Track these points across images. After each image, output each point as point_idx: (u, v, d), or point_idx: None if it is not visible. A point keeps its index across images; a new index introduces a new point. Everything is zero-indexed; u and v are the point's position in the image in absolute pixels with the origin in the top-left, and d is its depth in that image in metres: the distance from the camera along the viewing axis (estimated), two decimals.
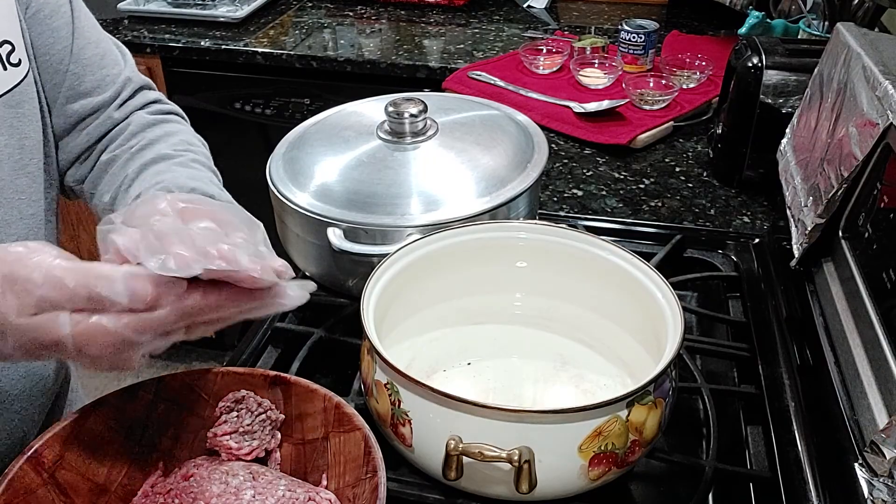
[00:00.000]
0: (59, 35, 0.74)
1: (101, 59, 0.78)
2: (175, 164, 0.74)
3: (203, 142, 0.83)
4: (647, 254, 0.82)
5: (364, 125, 0.88)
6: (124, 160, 0.76)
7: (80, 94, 0.76)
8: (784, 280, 0.89)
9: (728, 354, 0.83)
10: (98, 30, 0.79)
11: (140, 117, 0.79)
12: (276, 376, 0.65)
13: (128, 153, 0.76)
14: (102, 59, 0.78)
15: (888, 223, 0.71)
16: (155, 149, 0.76)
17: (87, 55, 0.76)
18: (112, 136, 0.78)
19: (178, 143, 0.77)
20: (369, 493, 0.57)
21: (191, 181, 0.70)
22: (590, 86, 1.48)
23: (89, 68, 0.76)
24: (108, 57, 0.79)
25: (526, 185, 0.83)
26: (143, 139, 0.77)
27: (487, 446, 0.58)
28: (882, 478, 0.57)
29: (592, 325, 0.79)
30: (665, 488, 0.71)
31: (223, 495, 0.59)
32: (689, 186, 1.19)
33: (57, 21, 0.74)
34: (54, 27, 0.74)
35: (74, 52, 0.75)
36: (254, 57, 1.79)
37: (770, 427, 0.71)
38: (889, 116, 0.67)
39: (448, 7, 2.00)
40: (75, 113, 0.77)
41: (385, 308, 0.72)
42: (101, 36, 0.79)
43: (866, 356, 0.70)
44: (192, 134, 0.82)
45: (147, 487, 0.62)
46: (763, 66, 1.08)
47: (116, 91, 0.79)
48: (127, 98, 0.80)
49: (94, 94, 0.77)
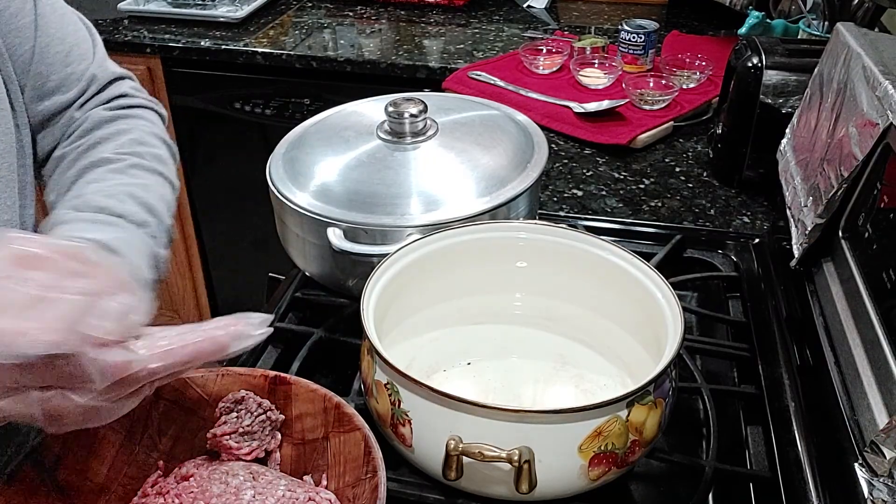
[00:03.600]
0: (24, 35, 0.72)
1: (65, 57, 0.75)
2: (110, 170, 0.72)
3: (166, 141, 0.80)
4: (647, 254, 0.82)
5: (364, 125, 0.88)
6: (70, 160, 0.74)
7: (45, 94, 0.75)
8: (784, 280, 0.89)
9: (728, 354, 0.83)
10: (66, 20, 0.77)
11: (96, 114, 0.77)
12: (276, 376, 0.65)
13: (74, 153, 0.75)
14: (67, 55, 0.76)
15: (888, 223, 0.71)
16: (98, 151, 0.74)
17: (52, 53, 0.74)
18: (69, 132, 0.77)
19: (125, 144, 0.75)
20: (369, 493, 0.57)
21: (105, 199, 0.68)
22: (590, 86, 1.48)
23: (53, 67, 0.74)
24: (73, 52, 0.76)
25: (526, 185, 0.83)
26: (93, 138, 0.75)
27: (487, 446, 0.58)
28: (882, 478, 0.57)
29: (592, 325, 0.79)
30: (665, 488, 0.71)
31: (223, 495, 0.59)
32: (689, 186, 1.19)
33: (22, 20, 0.72)
34: (19, 26, 0.72)
35: (38, 52, 0.73)
36: (254, 57, 1.79)
37: (770, 427, 0.71)
38: (889, 116, 0.67)
39: (448, 7, 2.00)
40: (39, 114, 0.75)
41: (385, 308, 0.72)
42: (68, 29, 0.77)
43: (866, 356, 0.69)
44: (152, 132, 0.79)
45: (147, 487, 0.62)
46: (763, 66, 1.08)
47: (80, 90, 0.77)
48: (92, 95, 0.78)
49: (57, 93, 0.75)
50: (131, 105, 0.81)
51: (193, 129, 1.96)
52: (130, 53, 1.84)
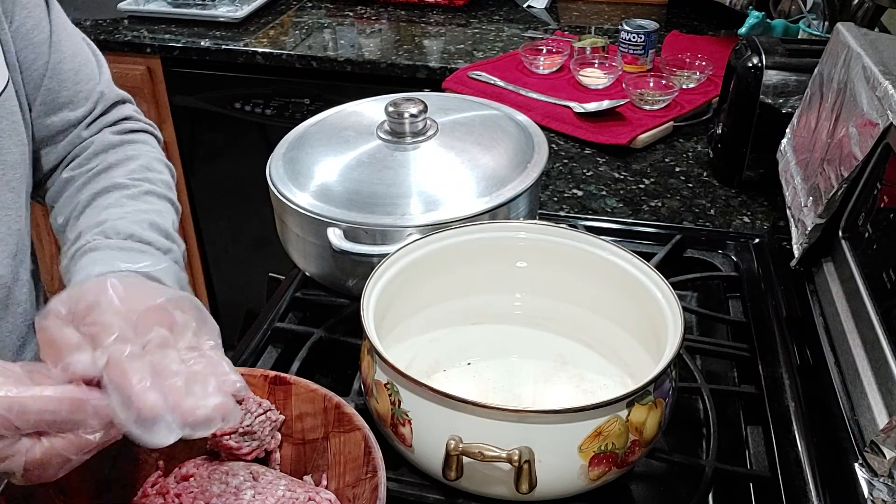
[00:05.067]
0: (39, 51, 0.73)
1: (75, 75, 0.77)
2: (126, 196, 0.73)
3: (168, 165, 0.82)
4: (647, 254, 0.82)
5: (364, 125, 0.88)
6: (80, 183, 0.75)
7: (54, 109, 0.76)
8: (784, 280, 0.89)
9: (728, 354, 0.83)
10: (75, 39, 0.78)
11: (104, 137, 0.79)
12: (276, 376, 0.65)
13: (84, 176, 0.75)
14: (77, 73, 0.77)
15: (888, 223, 0.71)
16: (110, 175, 0.75)
17: (64, 70, 0.75)
18: (75, 154, 0.78)
19: (136, 171, 0.76)
20: (369, 493, 0.57)
21: (131, 226, 0.69)
22: (590, 86, 1.48)
23: (64, 84, 0.76)
24: (83, 71, 0.78)
25: (526, 185, 0.83)
26: (103, 163, 0.76)
27: (487, 446, 0.58)
28: (882, 478, 0.57)
29: (592, 325, 0.79)
30: (665, 488, 0.71)
31: (223, 495, 0.59)
32: (689, 186, 1.19)
33: (38, 36, 0.73)
34: (36, 42, 0.73)
35: (51, 67, 0.74)
36: (254, 57, 1.79)
37: (770, 427, 0.71)
38: (889, 116, 0.67)
39: (448, 7, 2.00)
40: (46, 128, 0.76)
41: (385, 308, 0.72)
42: (78, 47, 0.78)
43: (866, 356, 0.70)
44: (157, 158, 0.81)
45: (147, 487, 0.62)
46: (763, 66, 1.08)
47: (88, 109, 0.78)
48: (99, 115, 0.79)
49: (66, 109, 0.76)
50: (134, 129, 0.82)
51: (193, 129, 1.96)
52: (130, 53, 1.84)
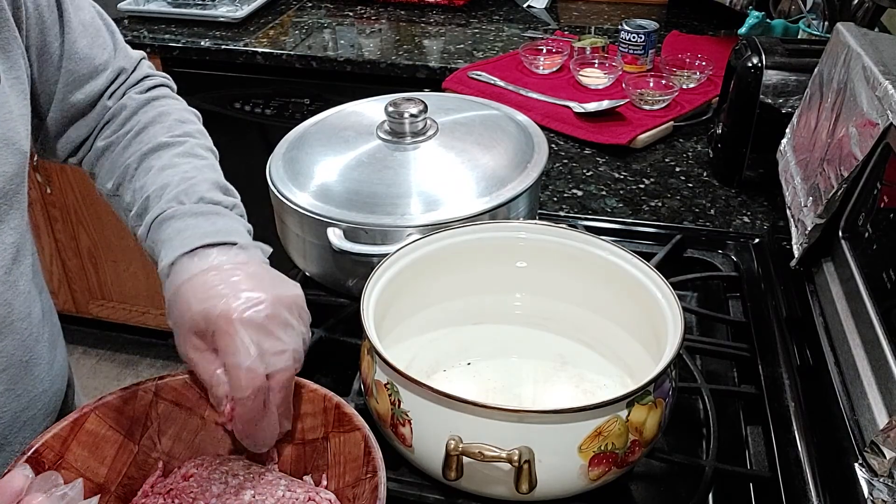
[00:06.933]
0: (53, 32, 0.73)
1: (90, 50, 0.76)
2: (175, 155, 0.73)
3: (195, 112, 0.83)
4: (647, 254, 0.82)
5: (364, 125, 0.88)
6: (122, 147, 0.75)
7: (75, 87, 0.76)
8: (784, 280, 0.89)
9: (728, 354, 0.83)
10: (85, 11, 0.77)
11: (132, 99, 0.79)
12: None
13: (124, 139, 0.76)
14: (91, 48, 0.76)
15: (888, 223, 0.71)
16: (151, 134, 0.75)
17: (79, 47, 0.75)
18: (105, 120, 0.78)
19: (173, 126, 0.77)
20: (369, 493, 0.57)
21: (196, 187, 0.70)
22: (590, 86, 1.48)
23: (83, 62, 0.75)
24: (97, 45, 0.77)
25: (526, 185, 0.83)
26: (138, 123, 0.76)
27: (487, 446, 0.58)
28: (882, 478, 0.57)
29: (592, 325, 0.79)
30: (665, 488, 0.71)
31: (223, 495, 0.59)
32: (689, 186, 1.19)
33: (50, 16, 0.72)
34: (49, 24, 0.72)
35: (67, 48, 0.74)
36: (254, 57, 1.79)
37: (770, 427, 0.71)
38: (889, 116, 0.67)
39: (448, 7, 2.00)
40: (72, 106, 0.76)
41: (385, 308, 0.72)
42: (88, 18, 0.77)
43: (866, 356, 0.70)
44: (184, 108, 0.82)
45: (147, 487, 0.62)
46: (763, 66, 1.08)
47: (109, 79, 0.78)
48: (120, 84, 0.79)
49: (87, 85, 0.76)
50: (155, 85, 0.83)
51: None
52: None
